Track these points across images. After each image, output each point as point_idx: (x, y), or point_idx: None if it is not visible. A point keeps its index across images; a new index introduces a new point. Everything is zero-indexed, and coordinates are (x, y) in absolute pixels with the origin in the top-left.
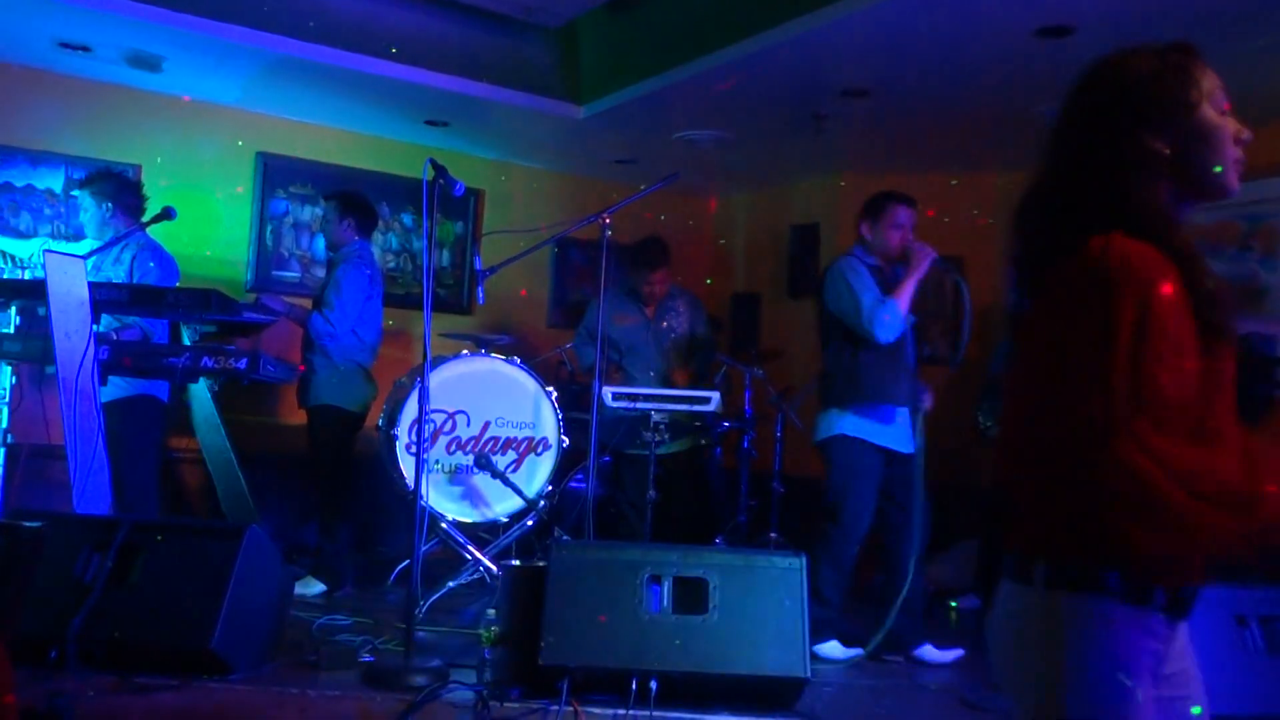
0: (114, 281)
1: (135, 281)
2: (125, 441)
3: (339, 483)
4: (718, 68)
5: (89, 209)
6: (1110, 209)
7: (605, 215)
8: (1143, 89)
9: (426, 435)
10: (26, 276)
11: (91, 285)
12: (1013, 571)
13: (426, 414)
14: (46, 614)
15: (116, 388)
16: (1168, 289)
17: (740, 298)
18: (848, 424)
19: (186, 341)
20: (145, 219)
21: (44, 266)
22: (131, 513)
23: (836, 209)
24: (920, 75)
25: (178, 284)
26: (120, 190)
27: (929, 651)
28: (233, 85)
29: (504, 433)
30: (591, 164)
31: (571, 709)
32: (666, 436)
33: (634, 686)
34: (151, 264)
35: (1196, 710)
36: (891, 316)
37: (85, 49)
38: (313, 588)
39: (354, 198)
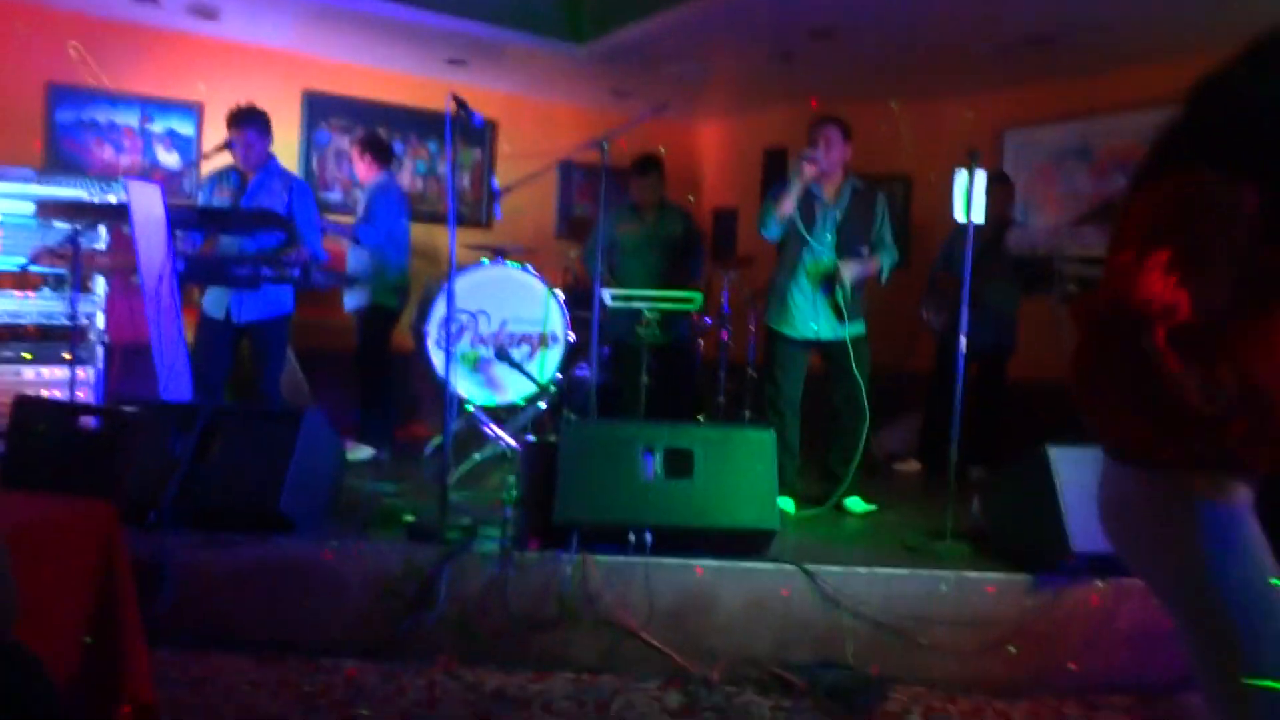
0: (265, 208)
1: (293, 210)
2: (270, 351)
3: (379, 366)
4: (700, 9)
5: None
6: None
7: (604, 140)
8: None
9: (454, 332)
10: (113, 200)
11: (168, 207)
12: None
13: (453, 314)
14: (145, 484)
15: (265, 306)
16: (1227, 212)
17: (719, 212)
18: None
19: None
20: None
21: (126, 191)
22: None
23: (803, 134)
24: (876, 16)
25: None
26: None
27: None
28: (282, 31)
29: (519, 329)
30: (592, 96)
31: (580, 557)
32: (658, 330)
33: (632, 538)
34: (300, 196)
35: None
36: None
37: (154, 1)
38: (362, 452)
39: (370, 137)
